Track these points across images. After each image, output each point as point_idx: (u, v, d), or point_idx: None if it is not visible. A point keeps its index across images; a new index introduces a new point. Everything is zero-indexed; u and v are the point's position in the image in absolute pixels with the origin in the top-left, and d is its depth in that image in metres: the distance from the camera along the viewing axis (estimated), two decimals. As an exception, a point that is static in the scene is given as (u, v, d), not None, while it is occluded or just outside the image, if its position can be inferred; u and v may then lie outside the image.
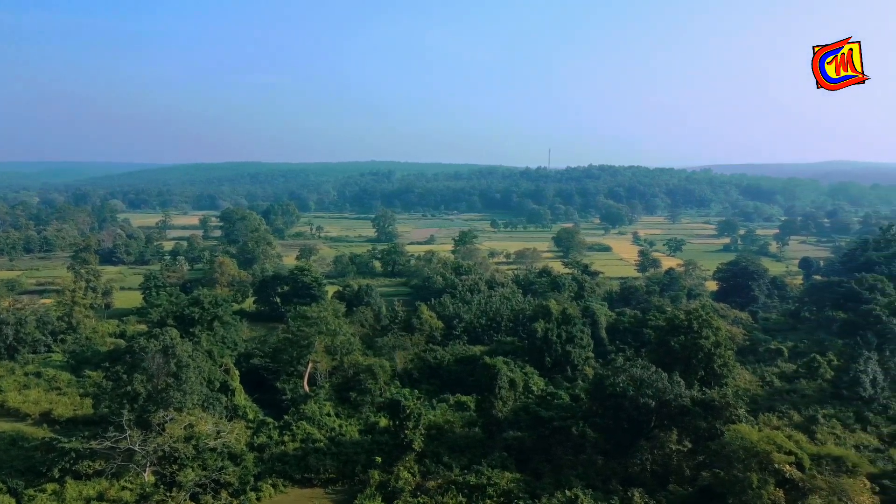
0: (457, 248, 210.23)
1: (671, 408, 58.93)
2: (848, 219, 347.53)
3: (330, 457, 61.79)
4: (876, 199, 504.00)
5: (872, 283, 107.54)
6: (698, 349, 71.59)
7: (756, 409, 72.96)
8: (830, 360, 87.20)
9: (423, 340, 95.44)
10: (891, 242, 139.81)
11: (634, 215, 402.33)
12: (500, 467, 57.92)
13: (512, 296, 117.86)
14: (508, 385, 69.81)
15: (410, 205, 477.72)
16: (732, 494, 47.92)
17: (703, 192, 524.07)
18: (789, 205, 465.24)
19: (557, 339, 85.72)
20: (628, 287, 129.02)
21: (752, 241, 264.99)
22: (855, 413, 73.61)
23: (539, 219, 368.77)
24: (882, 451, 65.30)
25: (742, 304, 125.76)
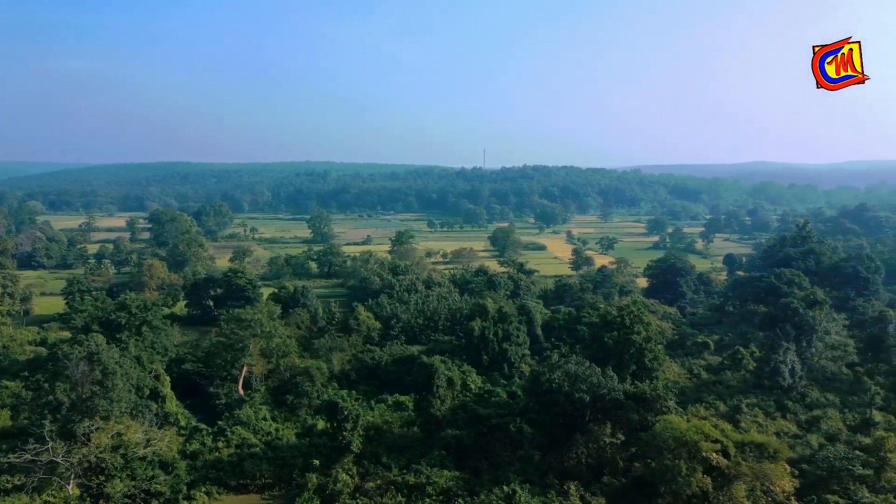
0: (394, 249, 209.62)
1: (605, 402, 60.45)
2: (767, 217, 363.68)
3: (266, 462, 60.69)
4: (793, 198, 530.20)
5: (790, 277, 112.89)
6: (630, 344, 73.72)
7: (685, 401, 75.61)
8: (753, 351, 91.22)
9: (360, 341, 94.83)
10: (806, 239, 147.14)
11: (568, 214, 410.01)
12: (439, 466, 58.14)
13: (449, 295, 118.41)
14: (446, 384, 70.11)
15: (347, 205, 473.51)
16: (663, 483, 49.58)
17: (634, 192, 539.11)
18: (714, 204, 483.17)
19: (494, 338, 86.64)
20: (563, 285, 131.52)
21: (679, 239, 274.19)
22: (775, 402, 77.31)
23: (475, 219, 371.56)
24: (800, 437, 68.84)
25: (671, 299, 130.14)
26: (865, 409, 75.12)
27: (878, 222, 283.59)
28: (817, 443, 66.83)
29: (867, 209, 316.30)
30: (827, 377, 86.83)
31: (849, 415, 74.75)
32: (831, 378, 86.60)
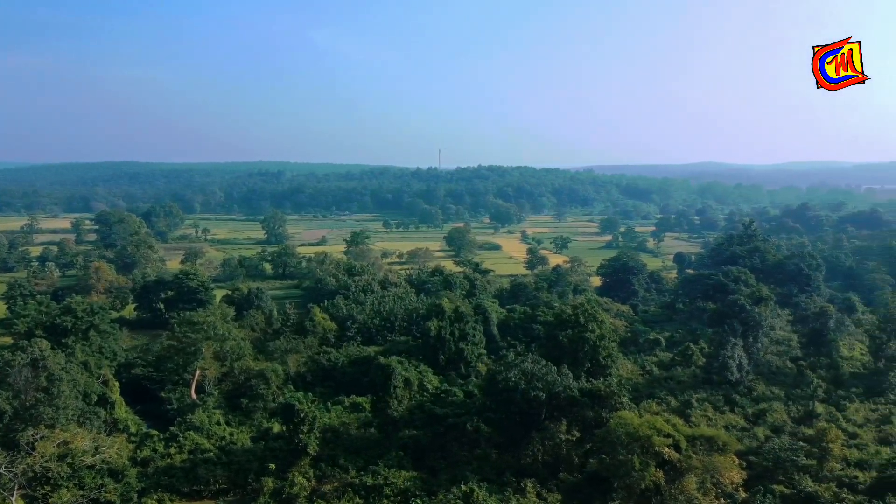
0: (349, 249, 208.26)
1: (560, 399, 61.27)
2: (715, 216, 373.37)
3: (220, 466, 59.67)
4: (739, 197, 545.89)
5: (737, 275, 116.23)
6: (585, 342, 74.86)
7: (638, 397, 77.18)
8: (702, 347, 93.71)
9: (316, 343, 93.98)
10: (752, 238, 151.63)
11: (523, 214, 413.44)
12: (397, 466, 58.08)
13: (405, 295, 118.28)
14: (403, 384, 70.06)
15: (301, 205, 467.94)
16: (617, 478, 50.51)
17: (587, 192, 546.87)
18: (664, 203, 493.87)
19: (451, 337, 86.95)
20: (518, 284, 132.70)
21: (631, 238, 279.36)
22: (724, 396, 79.54)
23: (431, 219, 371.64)
24: (748, 430, 71.02)
25: (623, 297, 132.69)
26: (808, 401, 77.87)
27: (818, 221, 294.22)
28: (763, 435, 69.08)
29: (809, 208, 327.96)
30: (772, 371, 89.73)
31: (793, 407, 77.40)
32: (776, 372, 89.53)
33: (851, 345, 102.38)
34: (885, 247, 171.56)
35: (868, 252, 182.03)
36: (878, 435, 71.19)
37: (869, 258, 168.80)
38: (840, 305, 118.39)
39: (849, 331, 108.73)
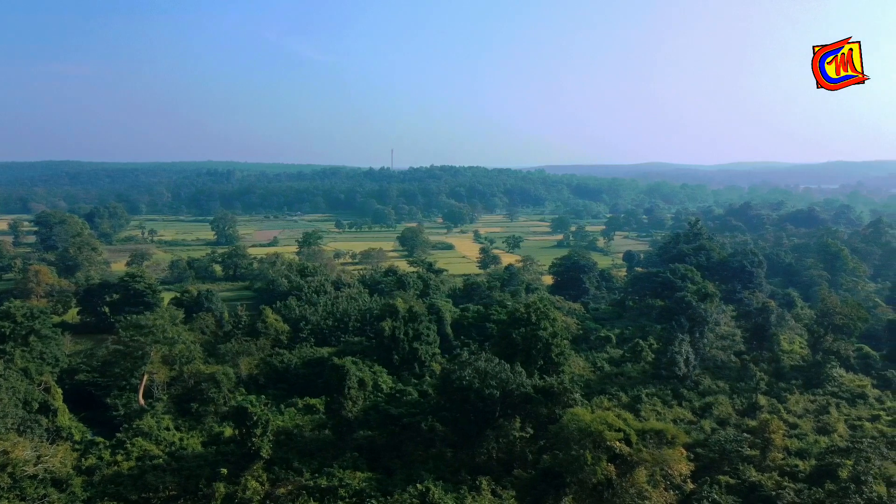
0: (302, 250, 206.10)
1: (514, 397, 61.93)
2: (662, 215, 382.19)
3: (170, 473, 58.32)
4: (685, 197, 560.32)
5: (684, 272, 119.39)
6: (537, 340, 75.83)
7: (590, 393, 78.50)
8: (651, 343, 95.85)
9: (268, 345, 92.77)
10: (698, 236, 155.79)
11: (475, 214, 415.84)
12: (352, 468, 57.82)
13: (359, 296, 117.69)
14: (357, 385, 69.73)
15: (252, 206, 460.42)
16: (570, 473, 51.33)
17: (538, 192, 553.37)
18: (614, 203, 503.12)
19: (405, 337, 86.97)
20: (471, 283, 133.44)
21: (582, 237, 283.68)
22: (672, 390, 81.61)
23: (384, 219, 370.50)
24: (695, 423, 73.06)
25: (575, 295, 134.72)
26: (751, 393, 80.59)
27: (760, 220, 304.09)
28: (710, 427, 71.17)
29: (751, 208, 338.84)
30: (717, 365, 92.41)
31: (737, 400, 79.93)
32: (721, 366, 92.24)
33: (791, 338, 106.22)
34: (822, 244, 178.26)
35: (806, 249, 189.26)
36: (817, 425, 74.19)
37: (807, 255, 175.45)
38: (780, 301, 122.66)
39: (789, 325, 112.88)
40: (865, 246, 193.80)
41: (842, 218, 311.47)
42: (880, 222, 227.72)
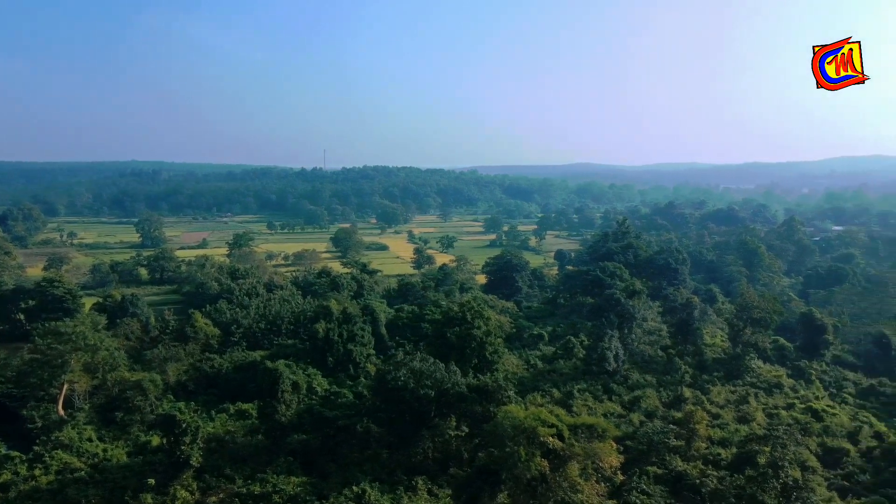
0: (232, 252, 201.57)
1: (449, 396, 62.35)
2: (592, 215, 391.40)
3: (93, 486, 56.04)
4: (613, 196, 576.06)
5: (613, 270, 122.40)
6: (472, 339, 76.54)
7: (523, 390, 79.73)
8: (582, 340, 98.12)
9: (198, 350, 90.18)
10: (626, 235, 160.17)
11: (409, 214, 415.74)
12: (286, 473, 57.00)
13: (292, 298, 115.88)
14: (291, 388, 68.81)
15: (179, 207, 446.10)
16: (505, 469, 52.03)
17: (471, 192, 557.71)
18: (545, 203, 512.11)
19: (339, 339, 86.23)
20: (405, 284, 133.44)
21: (514, 237, 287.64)
22: (602, 385, 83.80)
23: (317, 219, 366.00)
24: (624, 416, 75.28)
25: (508, 294, 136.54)
26: (677, 386, 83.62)
27: (683, 218, 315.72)
28: (638, 420, 73.53)
29: (675, 207, 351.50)
30: (645, 360, 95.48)
31: (664, 393, 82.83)
32: (649, 360, 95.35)
33: (713, 332, 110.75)
34: (741, 242, 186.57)
35: (726, 247, 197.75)
36: (737, 414, 77.74)
37: (727, 252, 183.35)
38: (703, 296, 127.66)
39: (711, 319, 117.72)
40: (780, 243, 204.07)
41: (758, 216, 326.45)
42: (793, 220, 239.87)
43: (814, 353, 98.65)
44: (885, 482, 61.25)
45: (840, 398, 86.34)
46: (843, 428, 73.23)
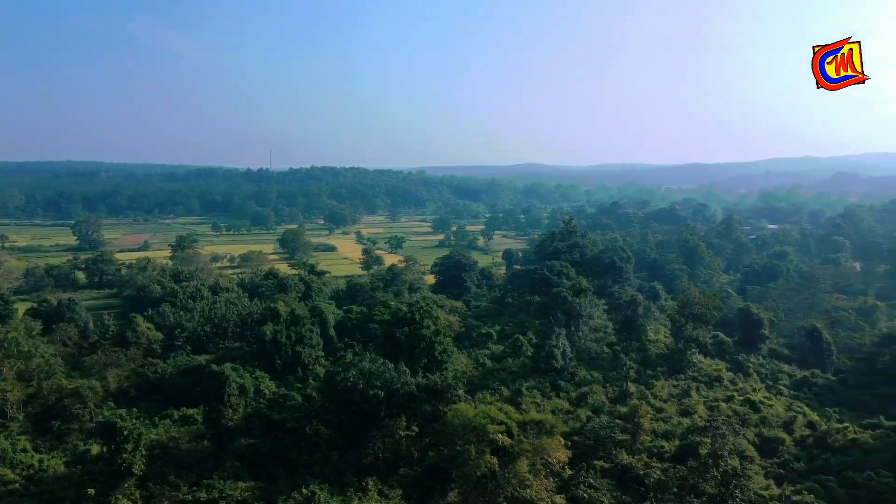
0: (176, 254, 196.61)
1: (399, 396, 62.30)
2: (539, 215, 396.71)
3: (28, 498, 54.00)
4: (559, 196, 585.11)
5: (559, 269, 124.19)
6: (421, 339, 76.74)
7: (472, 389, 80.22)
8: (530, 338, 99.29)
9: (140, 355, 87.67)
10: (572, 234, 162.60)
11: (357, 215, 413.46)
12: (233, 478, 55.98)
13: (238, 300, 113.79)
14: (238, 392, 67.63)
15: (119, 209, 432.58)
16: (455, 468, 52.48)
17: (420, 193, 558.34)
18: (492, 203, 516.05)
19: (287, 341, 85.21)
20: (354, 285, 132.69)
21: (463, 237, 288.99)
22: (550, 382, 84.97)
23: (263, 221, 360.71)
24: (572, 412, 76.55)
25: (457, 294, 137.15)
26: (622, 382, 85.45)
27: (627, 218, 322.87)
28: (585, 416, 74.87)
29: (619, 206, 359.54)
30: (592, 357, 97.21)
31: (609, 388, 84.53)
32: (595, 357, 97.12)
33: (657, 329, 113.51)
34: (682, 240, 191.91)
35: (668, 245, 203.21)
36: (680, 407, 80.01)
37: (669, 250, 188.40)
38: (647, 294, 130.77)
39: (654, 316, 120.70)
40: (719, 241, 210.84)
41: (699, 216, 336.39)
42: (731, 220, 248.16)
43: (751, 347, 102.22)
44: (818, 469, 64.14)
45: (776, 390, 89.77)
46: (778, 418, 76.14)
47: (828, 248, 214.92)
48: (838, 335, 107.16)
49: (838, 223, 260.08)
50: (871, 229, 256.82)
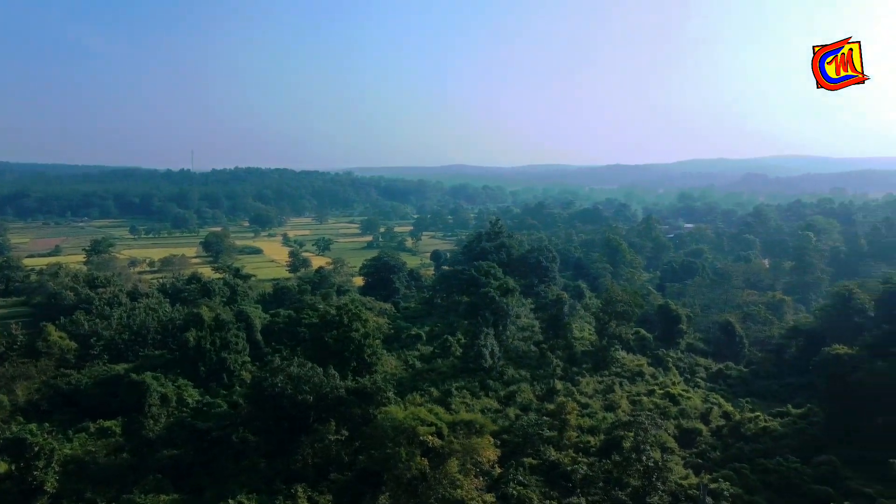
0: (90, 259, 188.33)
1: (328, 400, 61.74)
2: (466, 215, 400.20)
3: (-70, 522, 50.65)
4: (486, 197, 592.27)
5: (487, 269, 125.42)
6: (350, 342, 76.17)
7: (402, 391, 79.96)
8: (459, 338, 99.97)
9: (52, 366, 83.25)
10: (499, 234, 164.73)
11: (284, 217, 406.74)
12: (155, 491, 54.07)
13: (159, 306, 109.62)
14: (160, 401, 65.51)
15: (27, 211, 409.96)
16: (386, 471, 52.37)
17: (347, 194, 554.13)
18: (420, 204, 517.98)
19: (211, 347, 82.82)
20: (281, 288, 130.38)
21: (391, 238, 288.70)
22: (479, 382, 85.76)
23: (185, 223, 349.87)
24: (501, 411, 77.55)
25: (386, 295, 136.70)
26: (549, 379, 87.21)
27: (553, 218, 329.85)
28: (514, 414, 76.01)
29: (545, 207, 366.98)
30: (519, 355, 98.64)
31: (537, 386, 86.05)
32: (523, 356, 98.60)
33: (582, 326, 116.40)
34: (605, 240, 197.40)
35: (592, 244, 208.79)
36: (604, 403, 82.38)
37: (593, 250, 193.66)
38: (572, 293, 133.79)
39: (580, 314, 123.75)
40: (640, 240, 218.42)
41: (620, 215, 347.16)
42: (650, 219, 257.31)
43: (670, 342, 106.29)
44: (732, 457, 67.38)
45: (693, 382, 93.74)
46: (696, 410, 79.54)
47: (739, 245, 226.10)
48: (750, 329, 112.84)
49: (749, 222, 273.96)
50: (778, 227, 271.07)
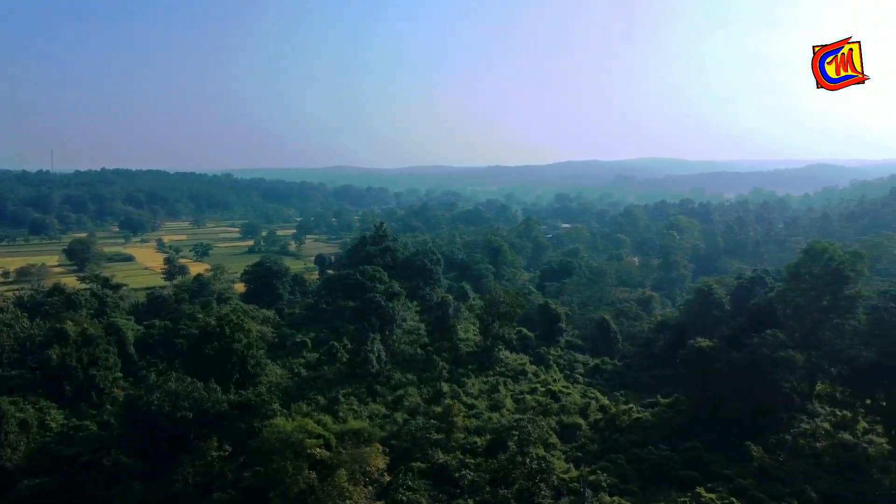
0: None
1: (210, 416, 59.56)
2: (350, 217, 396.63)
3: None
4: (370, 199, 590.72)
5: (372, 273, 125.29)
6: (232, 353, 73.76)
7: (289, 400, 78.05)
8: (345, 344, 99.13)
9: None
10: (383, 237, 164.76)
11: (157, 221, 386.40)
12: (16, 525, 49.99)
13: (16, 321, 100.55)
14: (18, 428, 60.42)
15: None
16: (273, 486, 51.15)
17: (227, 197, 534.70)
18: (303, 207, 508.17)
19: (78, 364, 77.33)
20: (156, 297, 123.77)
21: (273, 242, 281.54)
22: (367, 388, 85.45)
23: (45, 229, 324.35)
24: (389, 416, 77.64)
25: (269, 302, 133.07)
26: (436, 382, 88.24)
27: (436, 220, 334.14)
28: (402, 419, 76.28)
29: (428, 209, 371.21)
30: (406, 359, 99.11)
31: (424, 389, 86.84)
32: (409, 359, 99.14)
33: (466, 328, 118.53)
34: (487, 241, 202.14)
35: (475, 245, 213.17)
36: (490, 402, 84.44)
37: (476, 251, 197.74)
38: (456, 294, 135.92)
39: (464, 316, 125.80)
40: (520, 241, 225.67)
41: (501, 217, 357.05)
42: (530, 220, 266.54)
43: (551, 340, 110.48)
44: (609, 448, 71.19)
45: (573, 378, 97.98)
46: (575, 405, 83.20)
47: (612, 244, 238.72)
48: (622, 324, 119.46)
49: (620, 222, 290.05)
50: (646, 227, 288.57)
